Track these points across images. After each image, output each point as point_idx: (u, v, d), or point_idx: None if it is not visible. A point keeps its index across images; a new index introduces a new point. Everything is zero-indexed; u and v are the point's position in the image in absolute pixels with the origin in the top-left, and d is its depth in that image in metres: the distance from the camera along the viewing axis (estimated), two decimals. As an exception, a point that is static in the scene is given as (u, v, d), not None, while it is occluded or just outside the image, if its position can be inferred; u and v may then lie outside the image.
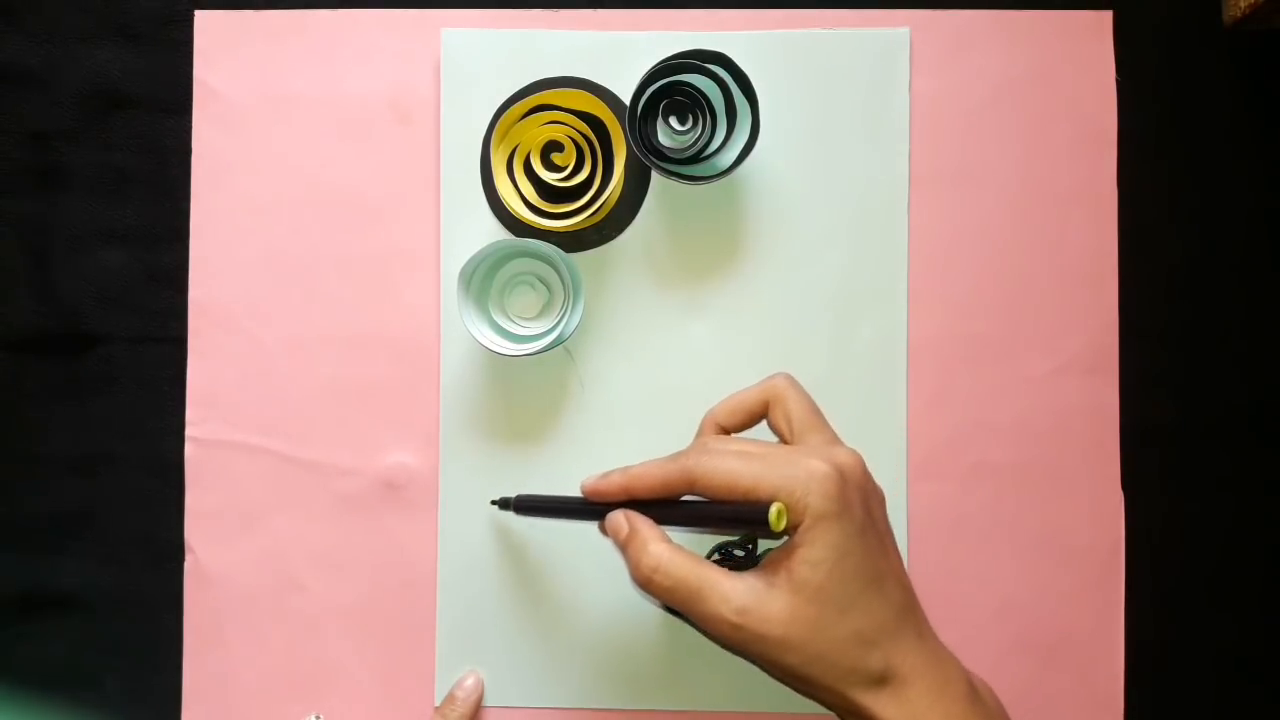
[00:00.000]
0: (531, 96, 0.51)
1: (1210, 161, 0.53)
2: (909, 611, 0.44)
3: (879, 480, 0.46)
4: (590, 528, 0.52)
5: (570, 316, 0.50)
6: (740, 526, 0.44)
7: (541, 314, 0.52)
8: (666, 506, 0.46)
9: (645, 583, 0.44)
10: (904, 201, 0.52)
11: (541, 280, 0.52)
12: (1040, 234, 0.53)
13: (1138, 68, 0.53)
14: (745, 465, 0.43)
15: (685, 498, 0.45)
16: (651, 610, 0.52)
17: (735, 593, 0.42)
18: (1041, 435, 0.52)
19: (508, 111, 0.51)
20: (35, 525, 0.53)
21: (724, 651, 0.52)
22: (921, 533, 0.52)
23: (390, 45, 0.53)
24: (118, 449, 0.54)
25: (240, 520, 0.53)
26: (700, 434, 0.48)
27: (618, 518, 0.46)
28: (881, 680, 0.42)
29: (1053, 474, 0.52)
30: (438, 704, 0.52)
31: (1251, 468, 0.52)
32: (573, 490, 0.49)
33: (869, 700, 0.42)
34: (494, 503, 0.51)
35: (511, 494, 0.51)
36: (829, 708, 0.44)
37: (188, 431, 0.53)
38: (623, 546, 0.45)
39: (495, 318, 0.51)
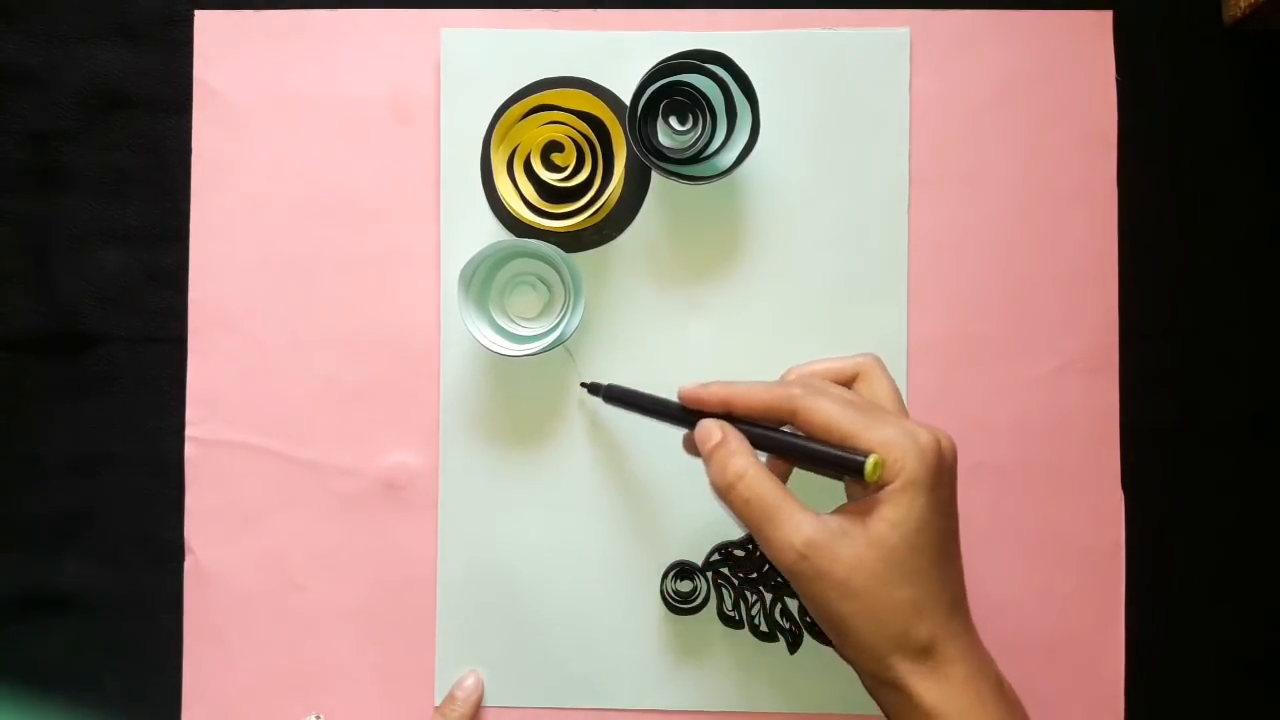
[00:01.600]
0: (531, 96, 0.51)
1: (1210, 161, 0.53)
2: (961, 601, 0.45)
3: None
4: (592, 527, 0.52)
5: (570, 316, 0.50)
6: (832, 469, 0.44)
7: (541, 314, 0.52)
8: (761, 431, 0.46)
9: (726, 489, 0.44)
10: (904, 201, 0.52)
11: (542, 280, 0.52)
12: (1040, 234, 0.53)
13: (1138, 68, 0.53)
14: (848, 413, 0.44)
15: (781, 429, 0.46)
16: (652, 610, 0.52)
17: (809, 525, 0.43)
18: (1041, 435, 0.52)
19: (508, 111, 0.51)
20: (35, 525, 0.53)
21: (724, 652, 0.52)
22: (921, 533, 0.52)
23: (390, 45, 0.53)
24: (118, 449, 0.54)
25: (240, 520, 0.53)
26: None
27: (710, 425, 0.46)
28: (923, 654, 0.43)
29: (1053, 474, 0.52)
30: (438, 704, 0.52)
31: (1251, 468, 0.52)
32: (575, 489, 0.49)
33: (906, 670, 0.43)
34: (584, 385, 0.51)
35: (609, 388, 0.50)
36: (862, 672, 0.45)
37: (188, 431, 0.53)
38: (709, 455, 0.45)
39: (495, 318, 0.51)
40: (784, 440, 0.46)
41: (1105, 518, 0.52)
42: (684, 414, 0.48)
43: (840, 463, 0.43)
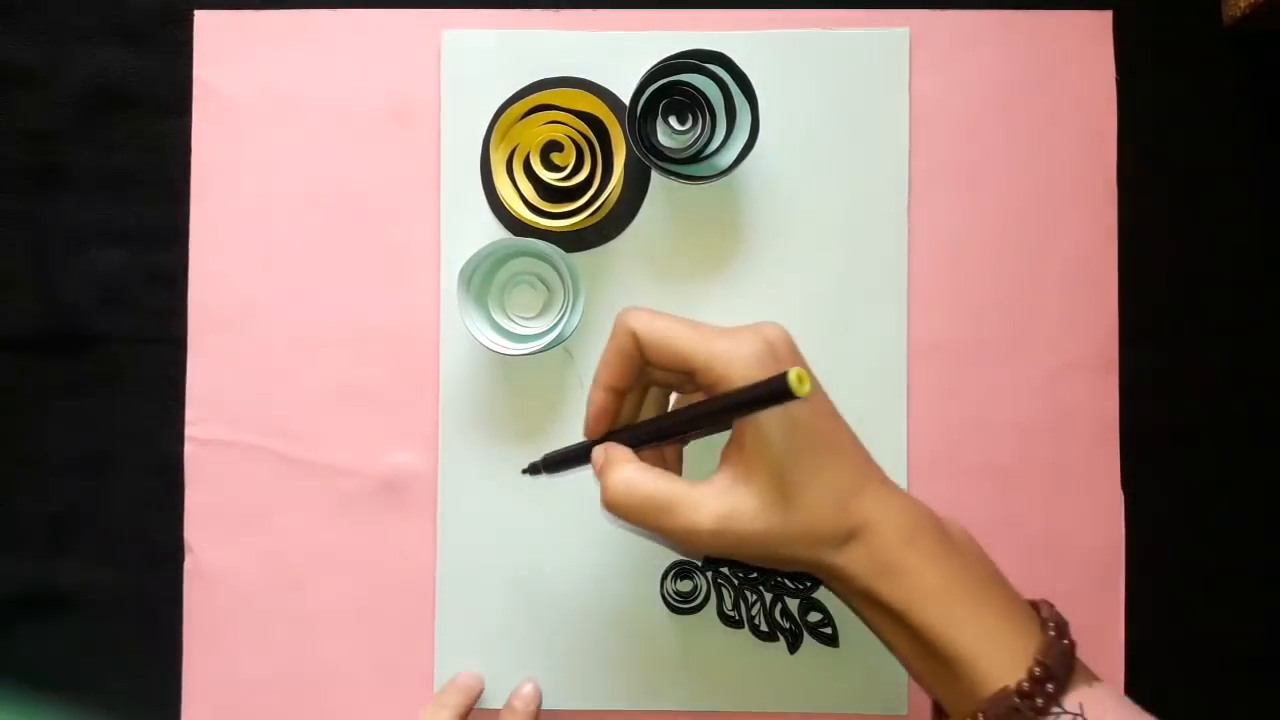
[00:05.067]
0: (531, 96, 0.51)
1: (1210, 161, 0.53)
2: (867, 464, 0.44)
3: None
4: (592, 527, 0.52)
5: (570, 316, 0.50)
6: (753, 407, 0.42)
7: (541, 314, 0.52)
8: (659, 423, 0.46)
9: (613, 506, 0.43)
10: (904, 201, 0.52)
11: (541, 280, 0.52)
12: (1040, 234, 0.53)
13: (1138, 68, 0.53)
14: (680, 324, 0.43)
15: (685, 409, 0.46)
16: (653, 610, 0.52)
17: (706, 499, 0.42)
18: (1041, 435, 0.52)
19: (507, 111, 0.51)
20: (35, 525, 0.53)
21: (724, 652, 0.52)
22: (921, 533, 0.51)
23: (390, 45, 0.53)
24: (118, 449, 0.54)
25: (240, 520, 0.53)
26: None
27: (595, 453, 0.46)
28: (852, 534, 0.43)
29: (1053, 474, 0.52)
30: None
31: (1251, 468, 0.52)
32: (575, 489, 0.49)
33: (841, 559, 0.43)
34: (524, 471, 0.51)
35: (538, 462, 0.50)
36: (804, 571, 0.44)
37: (188, 431, 0.53)
38: (600, 479, 0.45)
39: (495, 317, 0.51)
40: (682, 417, 0.45)
41: (1105, 518, 0.52)
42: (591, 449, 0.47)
43: (760, 397, 0.41)
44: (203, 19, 0.54)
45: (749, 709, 0.52)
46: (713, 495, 0.42)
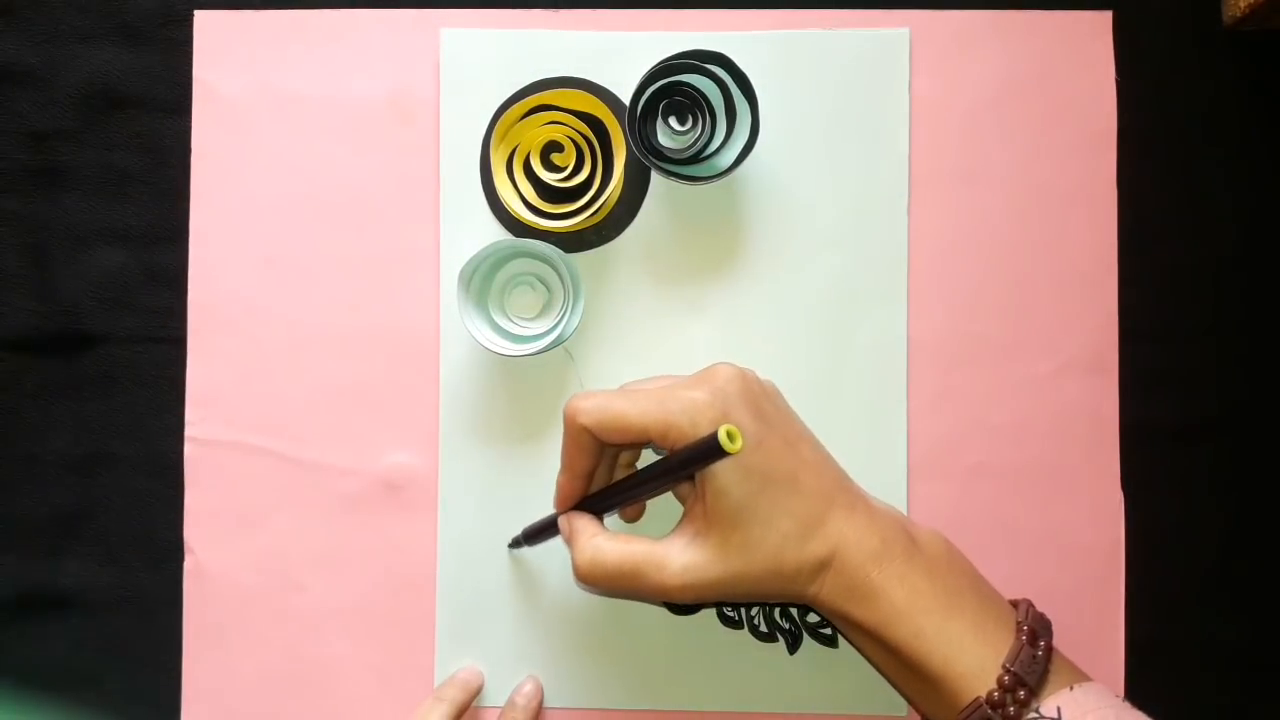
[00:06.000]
0: (531, 97, 0.51)
1: (1210, 161, 0.53)
2: (834, 492, 0.45)
3: (880, 483, 0.46)
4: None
5: (570, 317, 0.50)
6: (695, 466, 0.43)
7: (541, 314, 0.52)
8: (616, 490, 0.47)
9: (586, 578, 0.45)
10: (904, 201, 0.52)
11: (541, 280, 0.52)
12: (1040, 234, 0.53)
13: (1138, 68, 0.53)
14: (628, 401, 0.44)
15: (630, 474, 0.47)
16: (653, 610, 0.52)
17: (670, 557, 0.44)
18: (1041, 435, 0.52)
19: (507, 112, 0.51)
20: (35, 525, 0.53)
21: (724, 652, 0.52)
22: (921, 533, 0.51)
23: (390, 45, 0.53)
24: (117, 449, 0.54)
25: (240, 520, 0.53)
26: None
27: (560, 523, 0.48)
28: (822, 566, 0.43)
29: (1053, 474, 0.52)
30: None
31: (1251, 468, 0.52)
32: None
33: (813, 589, 0.44)
34: (510, 546, 0.52)
35: (519, 536, 0.51)
36: (786, 603, 0.46)
37: (187, 431, 0.53)
38: (569, 549, 0.46)
39: (495, 318, 0.51)
40: (634, 482, 0.46)
41: (1105, 518, 0.52)
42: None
43: (693, 458, 0.42)
44: (203, 19, 0.54)
45: (749, 709, 0.52)
46: (676, 551, 0.44)
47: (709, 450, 0.40)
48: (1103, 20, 0.53)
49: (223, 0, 0.54)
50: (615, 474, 0.49)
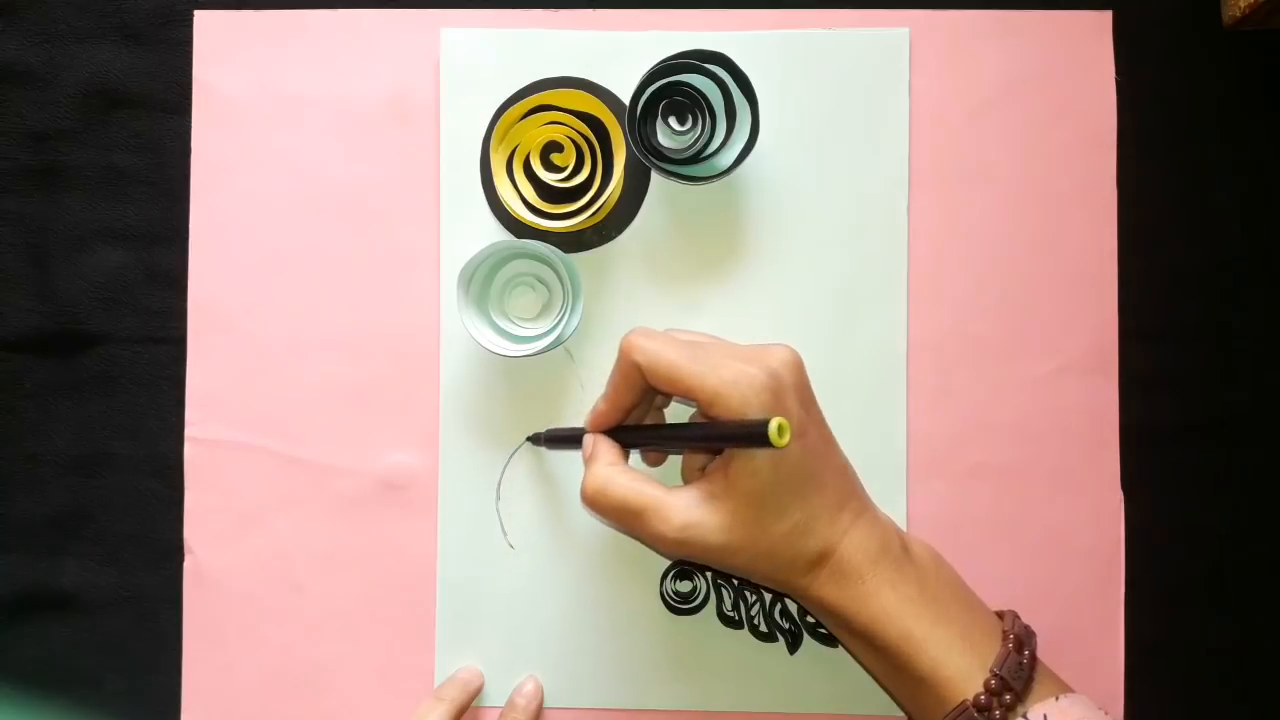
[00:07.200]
0: (531, 97, 0.51)
1: (1210, 161, 0.53)
2: (848, 497, 0.45)
3: (880, 483, 0.47)
4: (592, 527, 0.52)
5: (570, 317, 0.50)
6: (738, 446, 0.43)
7: (541, 314, 0.52)
8: (649, 433, 0.48)
9: (590, 502, 0.45)
10: (904, 201, 0.52)
11: (541, 281, 0.52)
12: (1040, 234, 0.53)
13: (1138, 68, 0.53)
14: (684, 354, 0.44)
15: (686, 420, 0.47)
16: (652, 610, 0.52)
17: (676, 510, 0.44)
18: (1041, 435, 0.52)
19: (507, 112, 0.51)
20: (35, 525, 0.53)
21: (723, 652, 0.52)
22: (921, 533, 0.51)
23: (390, 45, 0.53)
24: (117, 449, 0.54)
25: (240, 520, 0.53)
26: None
27: (585, 441, 0.48)
28: (817, 562, 0.44)
29: (1053, 474, 0.52)
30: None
31: (1251, 468, 0.52)
32: (575, 489, 0.49)
33: (806, 581, 0.44)
34: (529, 439, 0.52)
35: (543, 434, 0.52)
36: (775, 589, 0.46)
37: (187, 431, 0.53)
38: (585, 469, 0.47)
39: (495, 319, 0.51)
40: (669, 434, 0.47)
41: (1105, 518, 0.52)
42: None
43: (738, 438, 0.42)
44: (203, 19, 0.54)
45: (749, 709, 0.52)
46: (683, 505, 0.44)
47: (756, 437, 0.40)
48: (1103, 20, 0.53)
49: (223, 0, 0.54)
50: (651, 416, 0.50)
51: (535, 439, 0.52)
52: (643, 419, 0.49)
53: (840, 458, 0.46)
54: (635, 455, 0.51)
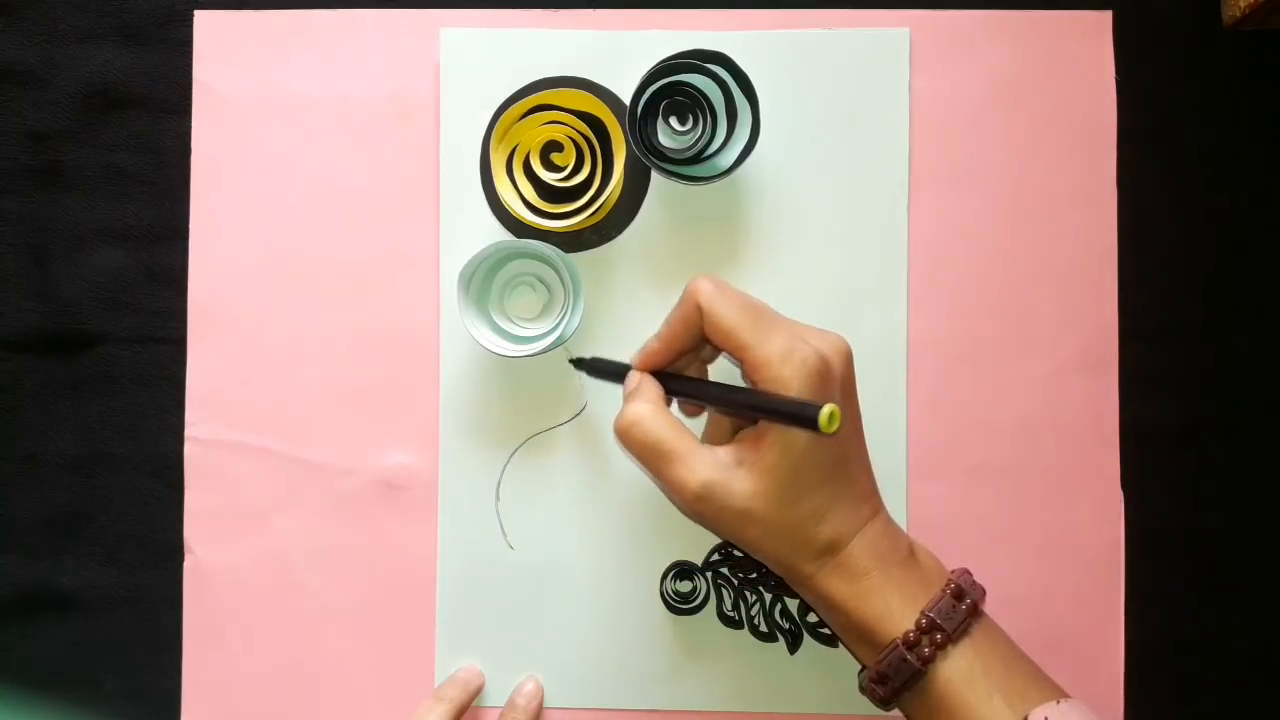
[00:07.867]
0: (531, 96, 0.51)
1: (1210, 161, 0.53)
2: (869, 494, 0.46)
3: (880, 483, 0.47)
4: (592, 527, 0.52)
5: (570, 317, 0.50)
6: (783, 423, 0.43)
7: (541, 315, 0.52)
8: (694, 385, 0.47)
9: (621, 433, 0.45)
10: (904, 201, 0.52)
11: (541, 281, 0.52)
12: (1040, 234, 0.53)
13: (1138, 68, 0.53)
14: (745, 319, 0.44)
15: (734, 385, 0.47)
16: (652, 610, 0.52)
17: (703, 465, 0.44)
18: (1041, 435, 0.52)
19: (507, 111, 0.51)
20: (34, 525, 0.53)
21: (724, 652, 0.52)
22: (921, 533, 0.51)
23: (390, 45, 0.53)
24: (117, 449, 0.54)
25: (240, 520, 0.53)
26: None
27: (631, 376, 0.48)
28: (827, 552, 0.44)
29: (1053, 474, 0.52)
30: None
31: (1252, 468, 0.52)
32: (575, 489, 0.49)
33: (813, 569, 0.44)
34: (571, 361, 0.52)
35: (588, 359, 0.51)
36: (775, 570, 0.46)
37: (187, 431, 0.53)
38: (623, 404, 0.46)
39: (495, 319, 0.51)
40: (714, 392, 0.46)
41: (1105, 518, 0.52)
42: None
43: (786, 415, 0.42)
44: (203, 19, 0.54)
45: (749, 709, 0.52)
46: (711, 464, 0.44)
47: (805, 420, 0.40)
48: (1103, 20, 0.53)
49: (223, 0, 0.54)
50: (693, 369, 0.49)
51: (578, 363, 0.51)
52: (684, 371, 0.49)
53: (867, 457, 0.47)
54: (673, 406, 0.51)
